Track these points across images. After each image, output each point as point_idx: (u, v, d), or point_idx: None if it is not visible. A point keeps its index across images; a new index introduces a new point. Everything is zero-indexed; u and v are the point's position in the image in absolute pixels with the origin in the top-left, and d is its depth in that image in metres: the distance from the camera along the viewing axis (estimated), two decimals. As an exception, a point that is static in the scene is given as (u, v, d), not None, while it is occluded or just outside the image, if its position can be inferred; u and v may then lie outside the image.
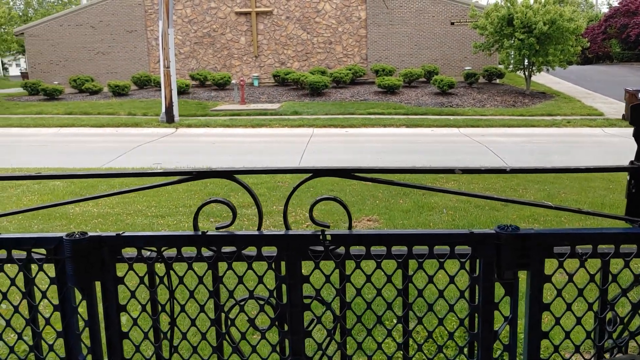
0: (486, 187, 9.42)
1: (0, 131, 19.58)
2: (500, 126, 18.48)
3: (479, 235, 1.67)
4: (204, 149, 15.39)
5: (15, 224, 7.58)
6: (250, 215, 7.52)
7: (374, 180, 1.76)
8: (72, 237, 1.64)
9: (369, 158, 13.19)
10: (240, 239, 1.69)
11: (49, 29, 29.11)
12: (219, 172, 1.70)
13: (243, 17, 28.08)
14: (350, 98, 23.92)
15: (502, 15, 22.08)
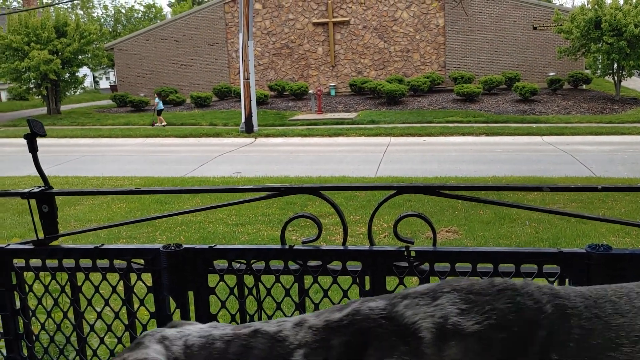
0: (572, 198, 9.04)
1: (92, 141, 20.75)
2: (587, 134, 17.70)
3: (568, 255, 1.63)
4: (282, 158, 15.66)
5: (106, 230, 7.99)
6: (327, 225, 7.59)
7: (459, 197, 1.76)
8: (169, 249, 1.74)
9: (447, 168, 12.98)
10: (325, 254, 1.73)
11: (136, 43, 30.61)
12: (306, 188, 1.75)
13: (320, 27, 28.43)
14: (427, 106, 23.66)
15: (589, 18, 21.19)
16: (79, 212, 9.54)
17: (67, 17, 28.95)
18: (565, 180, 10.96)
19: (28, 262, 1.87)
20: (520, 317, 0.97)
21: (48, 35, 26.40)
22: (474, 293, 1.03)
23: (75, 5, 50.27)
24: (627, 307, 1.00)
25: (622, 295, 1.04)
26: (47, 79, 26.59)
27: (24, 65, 25.82)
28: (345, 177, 12.30)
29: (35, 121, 1.81)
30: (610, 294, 1.03)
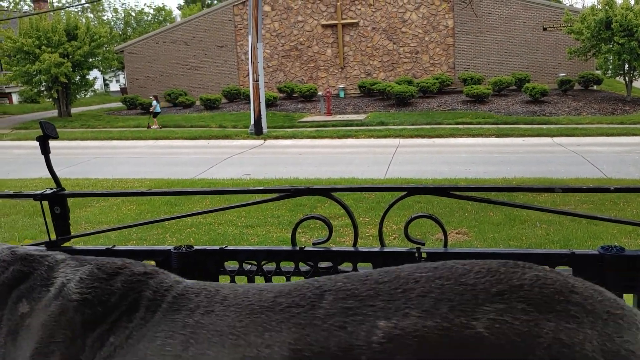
0: (584, 199, 8.99)
1: (102, 144, 20.87)
2: (598, 135, 17.60)
3: (580, 256, 1.61)
4: (291, 160, 15.68)
5: (117, 232, 8.03)
6: (337, 227, 7.58)
7: (470, 199, 1.75)
8: (180, 251, 1.74)
9: (457, 169, 12.94)
10: (336, 255, 1.73)
11: (146, 46, 30.77)
12: (317, 189, 1.75)
13: (329, 29, 28.45)
14: (437, 108, 23.61)
15: (599, 18, 21.06)
16: (90, 213, 9.59)
17: (77, 21, 29.14)
18: (576, 182, 10.89)
19: (40, 264, 1.88)
20: None
21: (59, 38, 26.60)
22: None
23: (86, 8, 50.61)
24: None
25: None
26: (57, 82, 26.78)
27: (35, 68, 26.03)
28: (354, 178, 12.30)
29: (48, 123, 1.82)
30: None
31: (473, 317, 0.87)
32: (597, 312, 0.88)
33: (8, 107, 36.20)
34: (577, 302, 0.89)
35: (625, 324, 0.88)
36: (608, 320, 0.88)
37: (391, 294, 0.93)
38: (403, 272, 0.98)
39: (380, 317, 0.90)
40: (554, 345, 0.84)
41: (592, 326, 0.86)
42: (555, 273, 0.95)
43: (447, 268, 0.96)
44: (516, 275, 0.92)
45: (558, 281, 0.92)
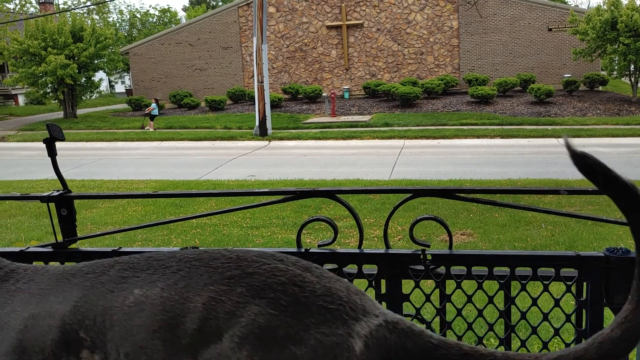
0: (589, 201, 8.97)
1: (107, 145, 20.94)
2: (603, 136, 17.54)
3: (586, 258, 1.62)
4: (296, 161, 15.69)
5: (122, 233, 8.03)
6: (342, 228, 7.59)
7: (475, 201, 1.75)
8: (185, 252, 1.75)
9: (461, 170, 12.92)
10: (341, 257, 1.73)
11: (151, 47, 30.85)
12: (321, 191, 1.76)
13: (334, 30, 28.47)
14: (442, 109, 23.59)
15: (605, 19, 21.00)
16: (95, 215, 9.62)
17: (83, 22, 29.24)
18: (581, 183, 10.86)
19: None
20: None
21: (64, 40, 26.70)
22: None
23: (92, 10, 50.79)
24: None
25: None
26: (63, 84, 26.88)
27: (41, 70, 26.13)
28: (359, 179, 12.30)
29: (54, 126, 1.83)
30: None
31: (198, 293, 1.05)
32: (307, 304, 1.00)
33: (14, 109, 36.35)
34: (292, 294, 1.01)
35: (333, 318, 0.99)
36: (315, 313, 0.99)
37: (156, 268, 1.13)
38: (179, 254, 1.17)
39: (139, 286, 1.11)
40: (249, 325, 0.98)
41: (294, 315, 0.98)
42: (301, 269, 1.08)
43: (211, 252, 1.15)
44: (256, 265, 1.07)
45: (288, 274, 1.05)
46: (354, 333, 0.98)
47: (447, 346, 0.99)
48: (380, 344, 0.99)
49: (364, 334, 0.99)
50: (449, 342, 1.01)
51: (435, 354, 0.98)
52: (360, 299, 1.05)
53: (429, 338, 1.01)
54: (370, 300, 1.08)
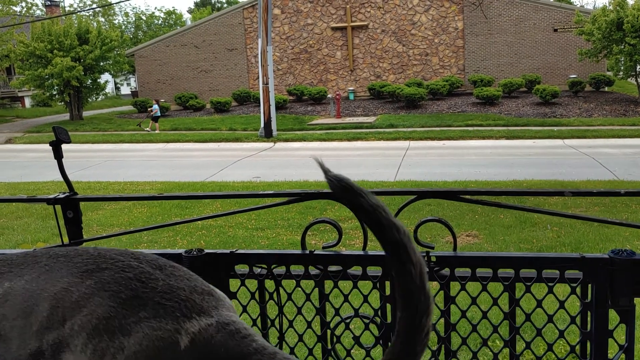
0: (595, 202, 8.93)
1: (113, 147, 21.00)
2: (609, 137, 17.48)
3: (591, 260, 1.61)
4: (301, 162, 15.70)
5: (128, 235, 8.06)
6: (346, 230, 7.59)
7: (480, 202, 1.75)
8: (190, 254, 1.76)
9: (466, 172, 12.90)
10: (346, 259, 1.74)
11: (156, 49, 30.94)
12: (326, 193, 1.76)
13: (339, 32, 28.48)
14: (447, 110, 23.55)
15: (610, 19, 20.92)
16: (101, 216, 9.65)
17: (89, 25, 29.37)
18: (587, 184, 10.83)
19: (53, 267, 1.90)
20: None
21: (70, 42, 26.81)
22: None
23: (97, 12, 50.97)
24: None
25: None
26: (69, 86, 26.99)
27: (47, 72, 26.25)
28: (364, 181, 12.29)
29: (61, 128, 1.84)
30: None
31: (53, 285, 1.12)
32: (145, 299, 1.06)
33: (21, 111, 36.52)
34: (133, 289, 1.07)
35: (165, 314, 1.04)
36: (149, 308, 1.05)
37: (29, 264, 1.20)
38: (53, 251, 1.23)
39: (9, 279, 1.18)
40: (89, 315, 1.05)
41: (129, 308, 1.05)
42: (152, 267, 1.14)
43: (79, 250, 1.22)
44: (111, 262, 1.14)
45: (137, 271, 1.11)
46: (182, 330, 1.04)
47: (262, 352, 1.04)
48: (206, 342, 1.04)
49: (193, 331, 1.04)
50: (268, 349, 1.05)
51: (251, 358, 1.03)
52: (202, 299, 1.11)
53: (251, 342, 1.05)
54: (215, 301, 1.12)
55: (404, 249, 0.89)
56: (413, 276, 0.88)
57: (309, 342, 1.84)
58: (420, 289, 0.89)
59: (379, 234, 0.90)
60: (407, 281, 0.88)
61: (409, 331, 0.91)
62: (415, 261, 0.89)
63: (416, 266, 0.89)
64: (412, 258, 0.89)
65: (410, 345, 0.91)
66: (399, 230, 0.89)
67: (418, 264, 0.89)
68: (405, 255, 0.89)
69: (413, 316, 0.90)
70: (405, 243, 0.89)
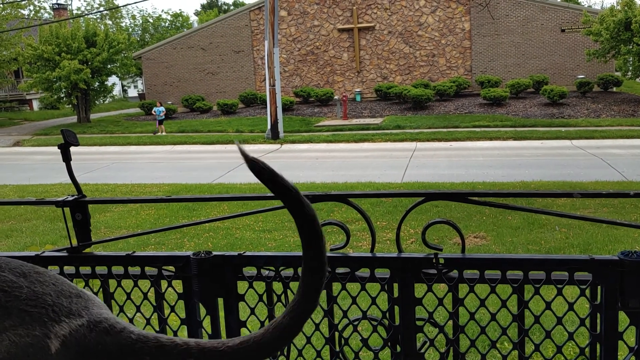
0: (604, 203, 8.89)
1: (120, 149, 21.08)
2: (618, 137, 17.38)
3: (600, 262, 1.60)
4: (308, 164, 15.71)
5: (135, 237, 8.09)
6: (354, 231, 7.58)
7: (488, 204, 1.75)
8: (198, 256, 1.76)
9: (474, 173, 12.87)
10: (354, 261, 1.73)
11: (163, 52, 31.04)
12: (334, 195, 1.76)
13: (345, 33, 28.48)
14: (454, 111, 23.50)
15: (618, 19, 20.82)
16: (109, 218, 9.69)
17: (96, 28, 29.51)
18: (595, 185, 10.78)
19: (62, 269, 1.91)
20: None
21: (78, 45, 26.95)
22: None
23: (105, 15, 51.23)
24: None
25: None
26: (77, 88, 27.12)
27: (55, 75, 26.39)
28: (371, 182, 12.28)
29: (69, 131, 1.85)
30: None
31: None
32: (9, 308, 1.05)
33: (29, 114, 36.72)
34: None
35: (32, 321, 1.04)
36: (14, 317, 1.05)
37: None
38: None
39: None
40: None
41: None
42: (16, 275, 1.13)
43: None
44: None
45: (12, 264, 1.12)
46: (51, 334, 1.04)
47: (145, 339, 1.06)
48: (79, 342, 1.05)
49: (63, 334, 1.05)
50: (148, 335, 1.08)
51: (133, 347, 1.05)
52: (70, 302, 1.11)
53: (129, 334, 1.07)
54: (84, 302, 1.13)
55: (300, 203, 1.01)
56: (307, 216, 1.01)
57: (317, 344, 1.84)
58: (312, 220, 1.02)
59: (298, 210, 1.02)
60: (318, 255, 1.03)
61: (307, 295, 1.04)
62: (307, 206, 1.02)
63: (308, 210, 1.01)
64: (305, 208, 1.01)
65: (312, 301, 1.05)
66: (294, 190, 1.01)
67: (309, 208, 1.02)
68: (300, 206, 1.01)
69: (317, 281, 1.04)
70: (300, 199, 1.01)
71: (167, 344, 1.05)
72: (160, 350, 1.05)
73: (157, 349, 1.05)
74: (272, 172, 1.02)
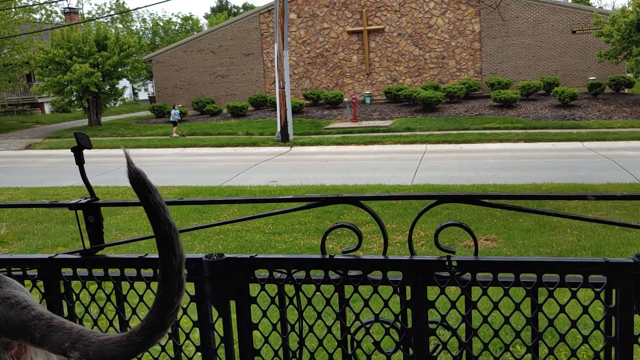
0: (616, 205, 8.82)
1: (131, 152, 21.07)
2: (630, 139, 17.25)
3: (615, 265, 1.59)
4: (318, 166, 15.71)
5: (146, 240, 8.10)
6: (365, 234, 7.55)
7: (500, 207, 1.74)
8: (211, 259, 1.76)
9: (484, 175, 12.81)
10: (366, 263, 1.73)
11: (174, 55, 31.19)
12: (346, 198, 1.76)
13: (355, 35, 28.49)
14: (464, 113, 23.43)
15: (630, 20, 20.66)
16: (120, 221, 9.74)
17: (107, 31, 29.70)
18: (608, 187, 10.69)
19: (75, 272, 1.92)
20: None
21: (89, 49, 27.13)
22: None
23: (115, 19, 51.55)
24: None
25: None
26: (88, 92, 27.30)
27: (67, 79, 26.58)
28: (381, 185, 12.26)
29: (82, 134, 1.86)
30: None
31: None
32: None
33: (40, 117, 37.02)
34: None
35: None
36: None
37: None
38: None
39: None
40: None
41: None
42: None
43: None
44: None
45: None
46: None
47: (40, 317, 1.15)
48: None
49: None
50: (45, 315, 1.16)
51: (29, 323, 1.15)
52: None
53: (30, 311, 1.16)
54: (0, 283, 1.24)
55: (171, 242, 1.05)
56: (173, 264, 1.06)
57: (329, 347, 1.83)
58: (177, 274, 1.06)
59: (155, 226, 1.06)
60: (167, 267, 1.06)
61: (163, 306, 1.08)
62: (177, 253, 1.06)
63: (177, 257, 1.06)
64: (175, 250, 1.06)
65: (162, 317, 1.08)
66: (170, 227, 1.06)
67: (179, 256, 1.07)
68: (171, 247, 1.05)
69: (167, 294, 1.07)
70: (172, 238, 1.06)
71: (55, 325, 1.14)
72: (49, 330, 1.13)
73: (47, 328, 1.14)
74: (150, 187, 1.06)
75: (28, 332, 1.15)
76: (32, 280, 1.95)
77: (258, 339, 1.85)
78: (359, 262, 1.74)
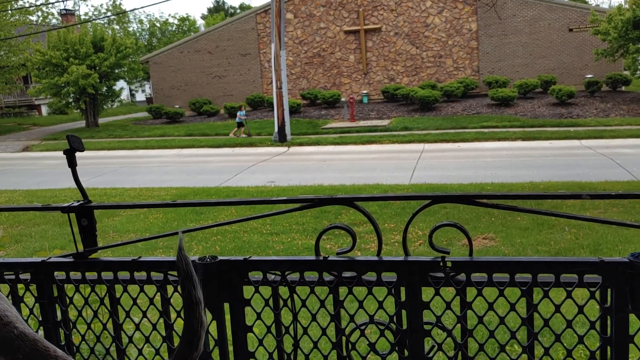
0: (613, 203, 8.82)
1: (128, 153, 21.16)
2: (627, 137, 17.26)
3: (610, 264, 1.58)
4: (315, 166, 15.70)
5: (143, 242, 8.09)
6: (361, 234, 7.56)
7: (496, 207, 1.73)
8: (204, 261, 1.75)
9: (482, 174, 12.81)
10: (360, 265, 1.72)
11: (171, 56, 31.16)
12: (340, 199, 1.75)
13: (352, 35, 28.48)
14: (462, 112, 23.44)
15: (626, 18, 20.69)
16: (117, 222, 9.72)
17: (104, 33, 29.65)
18: (605, 185, 10.70)
19: (68, 275, 1.91)
20: None
21: (86, 50, 27.09)
22: None
23: (112, 20, 51.46)
24: None
25: None
26: (85, 93, 27.26)
27: (63, 80, 26.52)
28: (378, 184, 12.26)
29: (74, 137, 1.85)
30: None
31: None
32: None
33: (38, 119, 36.96)
34: None
35: None
36: None
37: None
38: None
39: None
40: None
41: None
42: None
43: None
44: None
45: None
46: None
47: (23, 337, 1.13)
48: None
49: None
50: (29, 335, 1.14)
51: (13, 343, 1.12)
52: None
53: (12, 329, 1.14)
54: None
55: (197, 340, 1.13)
56: (194, 357, 1.13)
57: (324, 349, 1.82)
58: (199, 337, 1.13)
59: (187, 319, 1.14)
60: (188, 356, 1.13)
61: (188, 345, 1.14)
62: (199, 349, 1.14)
63: (198, 352, 1.14)
64: (198, 347, 1.13)
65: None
66: (201, 325, 1.14)
67: (200, 351, 1.14)
68: (196, 344, 1.13)
69: (190, 343, 1.13)
70: (200, 335, 1.13)
71: (40, 350, 1.13)
72: (33, 353, 1.12)
73: (31, 351, 1.12)
74: (195, 282, 1.13)
75: (10, 351, 1.12)
76: (25, 284, 1.94)
77: (252, 341, 1.84)
78: (353, 264, 1.73)
